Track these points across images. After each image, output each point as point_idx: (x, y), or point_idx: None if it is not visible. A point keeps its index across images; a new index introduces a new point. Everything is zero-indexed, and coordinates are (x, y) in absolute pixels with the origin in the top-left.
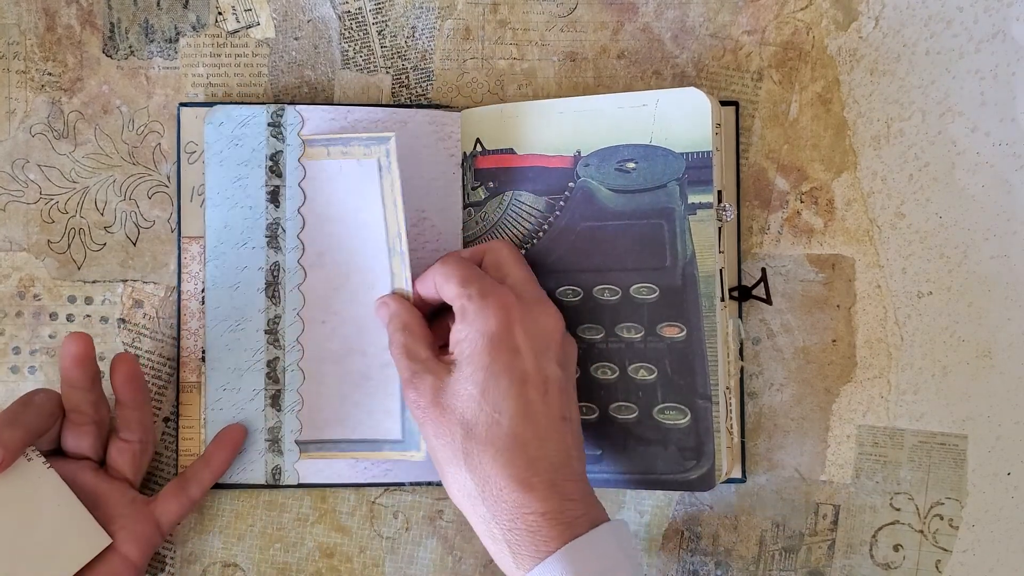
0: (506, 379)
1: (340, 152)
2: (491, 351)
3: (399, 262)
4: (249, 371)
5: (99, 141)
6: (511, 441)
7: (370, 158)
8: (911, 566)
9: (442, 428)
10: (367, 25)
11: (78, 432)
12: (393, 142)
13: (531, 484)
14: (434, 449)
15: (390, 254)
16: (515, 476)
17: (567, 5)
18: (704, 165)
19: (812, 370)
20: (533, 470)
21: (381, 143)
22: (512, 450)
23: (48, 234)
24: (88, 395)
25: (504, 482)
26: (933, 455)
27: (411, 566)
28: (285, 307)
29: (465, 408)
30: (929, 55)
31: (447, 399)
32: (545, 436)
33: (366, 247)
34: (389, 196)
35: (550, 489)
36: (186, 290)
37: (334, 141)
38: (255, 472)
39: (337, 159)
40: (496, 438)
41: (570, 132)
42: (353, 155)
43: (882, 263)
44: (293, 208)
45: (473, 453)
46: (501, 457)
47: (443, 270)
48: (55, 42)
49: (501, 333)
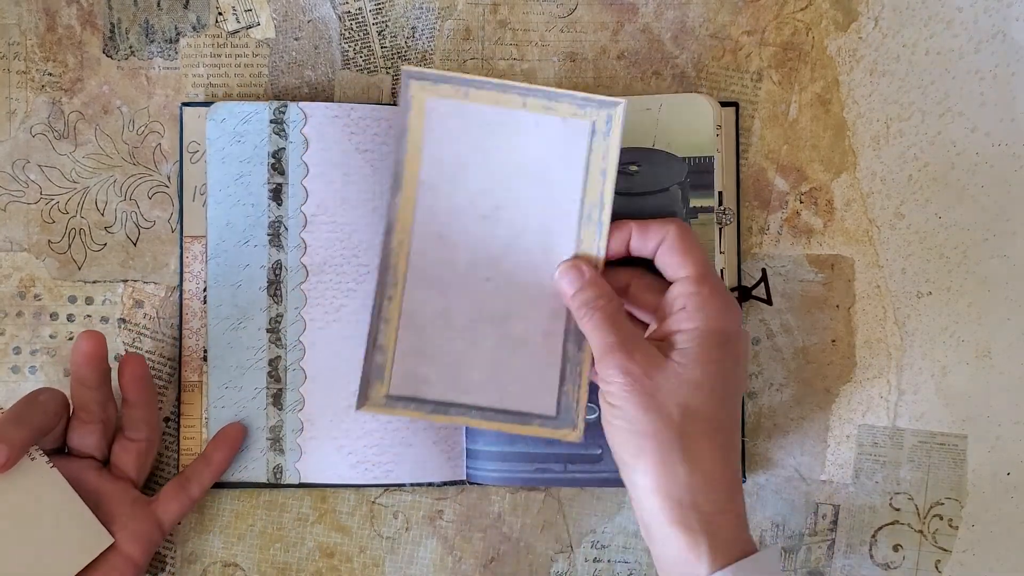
0: (732, 380)
1: (542, 106)
2: (725, 349)
3: (593, 231)
4: (251, 370)
5: (99, 141)
6: (729, 440)
7: (581, 119)
8: (911, 566)
9: (654, 405)
10: (367, 25)
11: (84, 430)
12: (622, 109)
13: (736, 488)
14: (634, 422)
15: (580, 221)
16: (728, 474)
17: (567, 5)
18: (706, 170)
19: (812, 370)
20: (738, 475)
21: (603, 107)
22: (728, 449)
23: (48, 234)
24: (97, 393)
25: (719, 474)
26: (933, 455)
27: (411, 566)
28: (287, 306)
29: (690, 394)
30: (929, 55)
31: (665, 378)
32: (738, 444)
33: (549, 208)
34: (598, 163)
35: (742, 497)
36: (188, 289)
37: (533, 92)
38: (256, 471)
39: (536, 112)
40: (718, 433)
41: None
42: (558, 112)
43: (882, 263)
44: (295, 206)
45: (694, 437)
46: (720, 452)
47: (683, 239)
48: (55, 42)
49: (735, 336)
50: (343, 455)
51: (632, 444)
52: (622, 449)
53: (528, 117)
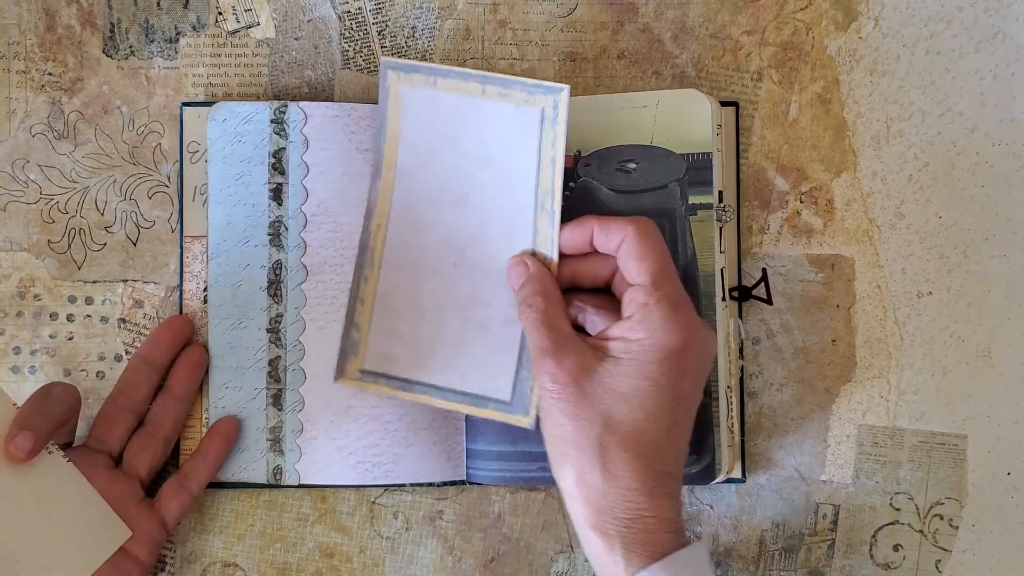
0: (666, 396)
1: (498, 93)
2: (662, 366)
3: (546, 221)
4: (251, 370)
5: (99, 141)
6: (652, 452)
7: (532, 106)
8: (911, 566)
9: (579, 412)
10: (367, 25)
11: (113, 421)
12: (566, 94)
13: (659, 493)
14: (561, 428)
15: (536, 210)
16: (647, 483)
17: (567, 5)
18: (704, 166)
19: (812, 370)
20: (663, 482)
21: (549, 92)
22: (651, 460)
23: (48, 234)
24: (155, 376)
25: (636, 485)
26: (933, 455)
27: (411, 566)
28: (287, 306)
29: (612, 405)
30: (929, 55)
31: (592, 386)
32: (678, 454)
33: (509, 196)
34: (548, 150)
35: (670, 500)
36: (188, 289)
37: (490, 79)
38: (256, 472)
39: (493, 99)
40: (639, 444)
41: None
42: (512, 99)
43: (882, 263)
44: (296, 206)
45: (611, 449)
46: (639, 462)
47: (640, 243)
48: (55, 42)
49: (678, 353)
50: (343, 456)
51: (557, 449)
52: (550, 452)
53: (487, 105)
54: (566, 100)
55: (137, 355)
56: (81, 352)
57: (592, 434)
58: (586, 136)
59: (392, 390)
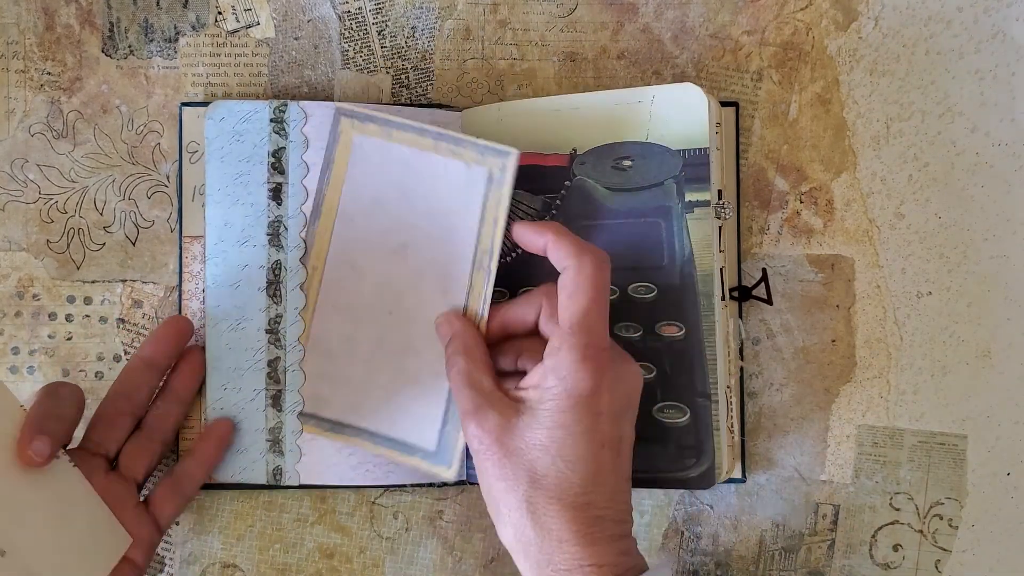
0: (584, 442)
1: (450, 150)
2: (575, 413)
3: (482, 279)
4: (250, 371)
5: (98, 141)
6: (581, 500)
7: (481, 166)
8: (911, 566)
9: (505, 471)
10: (367, 25)
11: (113, 423)
12: (514, 159)
13: (594, 539)
14: (491, 488)
15: (474, 267)
16: (580, 532)
17: (567, 5)
18: (701, 163)
19: (812, 370)
20: (599, 527)
21: (499, 156)
22: (580, 508)
23: (47, 234)
24: (156, 379)
25: (568, 536)
26: (933, 455)
27: (411, 566)
28: (287, 306)
29: (535, 458)
30: (929, 55)
31: (514, 442)
32: (612, 495)
33: (449, 251)
34: (492, 211)
35: (610, 544)
36: (187, 290)
37: (444, 137)
38: (256, 473)
39: (445, 156)
40: (565, 495)
41: (566, 130)
42: (463, 157)
43: (881, 263)
44: (296, 206)
45: (539, 503)
46: (568, 513)
47: (576, 279)
48: (54, 41)
49: (589, 397)
50: (343, 456)
51: (492, 507)
52: (489, 508)
53: (438, 160)
54: (514, 164)
55: (137, 356)
56: (80, 352)
57: (519, 491)
58: (581, 134)
59: (322, 431)
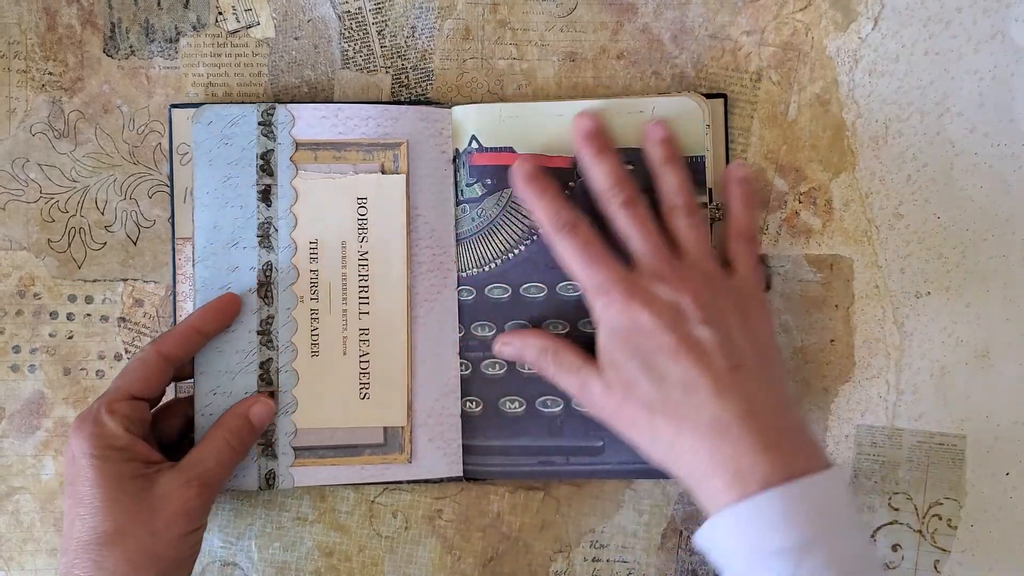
0: (636, 361)
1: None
2: (616, 343)
3: None
4: (241, 373)
5: (99, 140)
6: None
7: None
8: (910, 566)
9: (624, 419)
10: (367, 25)
11: (163, 379)
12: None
13: (731, 433)
14: (629, 429)
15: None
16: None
17: (567, 5)
18: (698, 169)
19: (811, 370)
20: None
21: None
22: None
23: (48, 233)
24: (199, 345)
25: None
26: (932, 455)
27: (410, 565)
28: (278, 307)
29: (625, 394)
30: (928, 56)
31: (605, 398)
32: (722, 389)
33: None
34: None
35: (744, 433)
36: (181, 291)
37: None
38: (248, 479)
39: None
40: (662, 404)
41: (569, 134)
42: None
43: (880, 263)
44: (285, 207)
45: (659, 425)
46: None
47: (582, 260)
48: (56, 41)
49: (623, 326)
50: None
51: (638, 438)
52: (638, 440)
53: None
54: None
55: (188, 326)
56: (81, 351)
57: (642, 421)
58: None
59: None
